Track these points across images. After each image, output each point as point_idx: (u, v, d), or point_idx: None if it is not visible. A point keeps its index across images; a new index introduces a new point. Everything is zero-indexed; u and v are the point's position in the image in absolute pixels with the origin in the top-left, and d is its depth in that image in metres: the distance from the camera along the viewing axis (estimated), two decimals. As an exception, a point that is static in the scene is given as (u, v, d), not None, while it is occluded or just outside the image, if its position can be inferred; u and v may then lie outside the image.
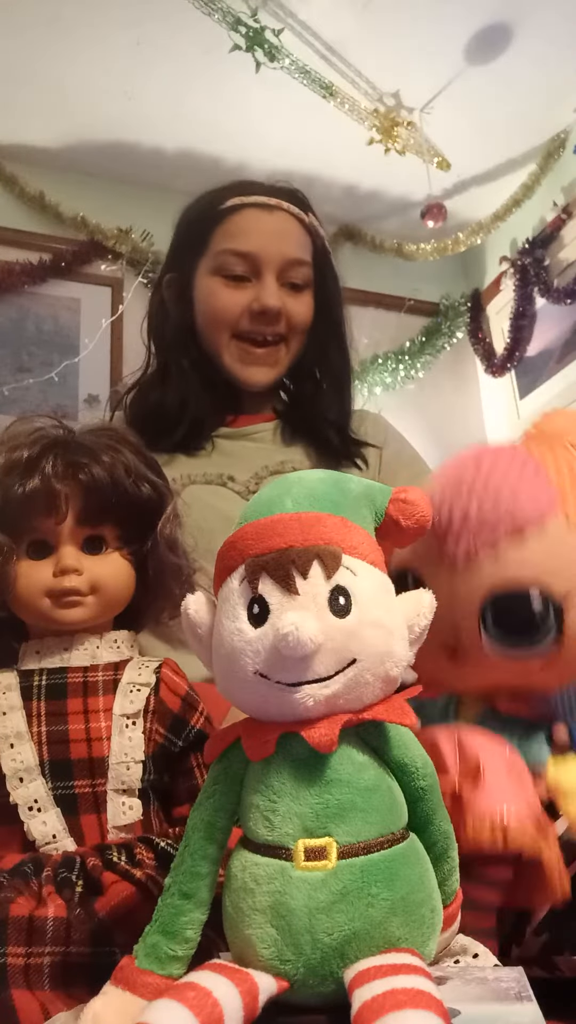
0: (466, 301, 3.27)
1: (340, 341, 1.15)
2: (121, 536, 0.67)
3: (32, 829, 0.60)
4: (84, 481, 0.65)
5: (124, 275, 2.86)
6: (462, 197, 3.05)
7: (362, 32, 2.41)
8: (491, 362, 3.12)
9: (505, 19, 2.41)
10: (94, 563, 0.66)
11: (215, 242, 1.08)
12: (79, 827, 0.60)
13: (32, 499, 0.63)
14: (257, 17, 2.31)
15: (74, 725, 0.62)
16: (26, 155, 2.78)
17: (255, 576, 0.46)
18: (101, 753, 0.62)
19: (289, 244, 1.08)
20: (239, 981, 0.42)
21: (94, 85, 2.54)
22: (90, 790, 0.61)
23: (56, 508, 0.64)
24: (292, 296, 1.08)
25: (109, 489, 0.65)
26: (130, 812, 0.62)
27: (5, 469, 0.65)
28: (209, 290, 1.07)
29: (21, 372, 2.68)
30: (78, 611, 0.65)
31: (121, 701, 0.64)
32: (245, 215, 1.07)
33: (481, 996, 0.44)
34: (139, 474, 0.68)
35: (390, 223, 3.02)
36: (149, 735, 0.64)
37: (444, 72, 2.57)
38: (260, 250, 1.05)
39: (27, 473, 0.64)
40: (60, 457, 0.65)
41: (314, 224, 1.12)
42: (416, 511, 0.50)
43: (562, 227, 2.85)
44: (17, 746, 0.62)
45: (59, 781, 0.61)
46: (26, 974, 0.51)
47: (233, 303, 1.06)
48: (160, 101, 2.59)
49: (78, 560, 0.65)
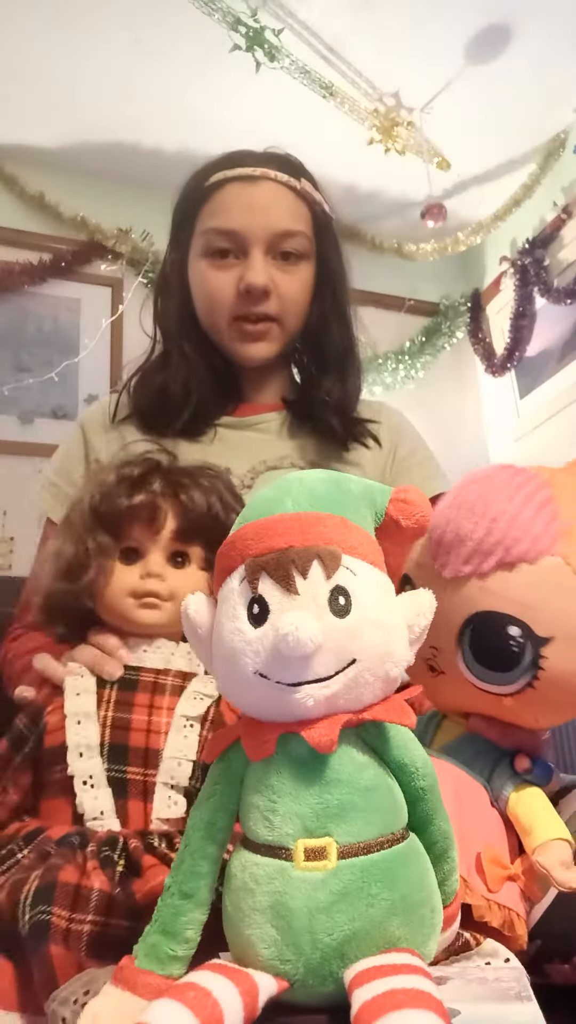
0: (466, 301, 3.27)
1: (342, 316, 1.07)
2: (205, 557, 0.74)
3: (83, 802, 0.64)
4: (183, 501, 0.73)
5: (124, 275, 2.86)
6: (462, 197, 3.05)
7: (362, 32, 2.41)
8: (491, 362, 3.13)
9: (505, 19, 2.41)
10: (177, 575, 0.73)
11: (201, 222, 1.02)
12: (125, 810, 0.64)
13: (136, 510, 0.72)
14: (257, 17, 2.31)
15: (138, 715, 0.68)
16: (26, 155, 2.78)
17: (255, 576, 0.46)
18: (157, 745, 0.67)
19: (276, 215, 1.00)
20: (239, 981, 0.42)
21: (94, 85, 2.54)
22: (141, 778, 0.65)
23: (155, 520, 0.72)
24: (284, 271, 1.01)
25: (203, 511, 0.74)
26: (174, 807, 0.65)
27: (115, 483, 0.73)
28: (200, 273, 1.03)
29: (21, 372, 2.69)
30: (155, 613, 0.71)
31: (184, 704, 0.69)
32: (227, 190, 1.01)
33: (481, 996, 0.44)
34: (230, 505, 0.76)
35: (390, 223, 3.03)
36: (203, 741, 0.68)
37: (444, 72, 2.58)
38: (244, 226, 0.99)
39: (135, 488, 0.73)
40: (165, 478, 0.74)
41: (308, 190, 1.04)
42: (416, 511, 0.50)
43: (562, 227, 2.85)
44: (84, 723, 0.67)
45: (115, 764, 0.66)
46: (66, 936, 0.54)
47: (223, 285, 1.00)
48: (160, 101, 2.59)
49: (163, 568, 0.72)
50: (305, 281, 1.03)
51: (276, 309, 1.01)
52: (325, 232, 1.05)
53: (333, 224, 1.07)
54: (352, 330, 1.09)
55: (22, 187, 2.79)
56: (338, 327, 1.07)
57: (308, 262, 1.04)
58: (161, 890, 0.49)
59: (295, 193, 1.02)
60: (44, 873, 0.57)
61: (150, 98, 2.58)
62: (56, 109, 2.64)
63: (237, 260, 1.00)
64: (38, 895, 0.56)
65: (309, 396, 1.07)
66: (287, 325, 1.03)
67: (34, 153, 2.79)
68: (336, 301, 1.06)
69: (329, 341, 1.06)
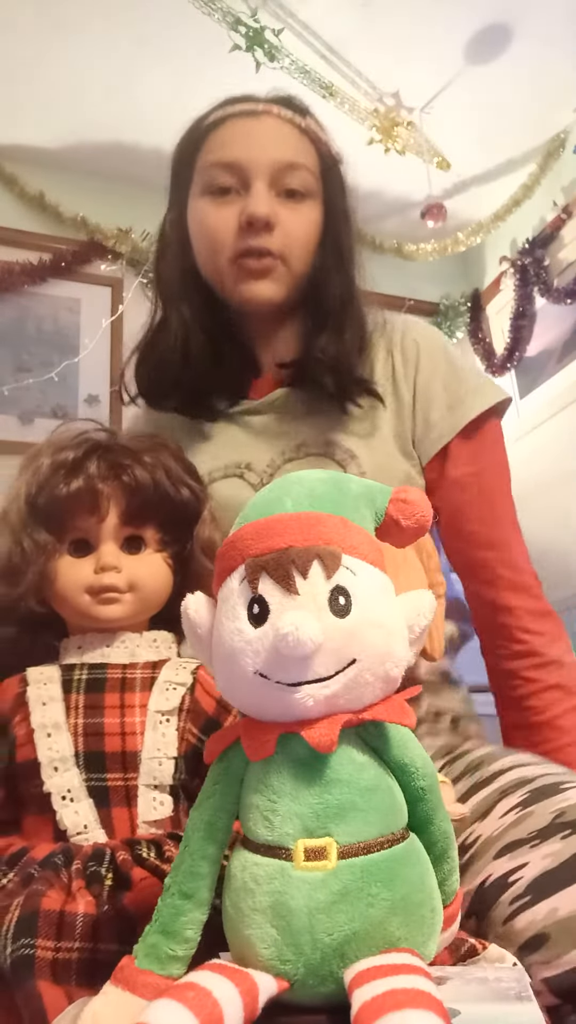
0: (466, 301, 3.27)
1: (342, 263, 0.97)
2: (160, 538, 0.70)
3: (64, 818, 0.61)
4: (126, 482, 0.67)
5: (124, 275, 2.86)
6: (462, 197, 3.05)
7: (362, 32, 2.41)
8: (491, 362, 3.13)
9: (505, 19, 2.41)
10: (133, 562, 0.68)
11: (200, 160, 0.96)
12: (110, 819, 0.61)
13: (76, 499, 0.66)
14: (257, 17, 2.31)
15: (110, 719, 0.64)
16: (26, 155, 2.78)
17: (255, 576, 0.46)
18: (135, 747, 0.63)
19: (280, 147, 0.94)
20: (239, 981, 0.42)
21: (94, 85, 2.54)
22: (122, 783, 0.62)
23: (98, 507, 0.67)
24: (289, 206, 0.93)
25: (150, 490, 0.68)
26: (160, 808, 0.62)
27: (50, 470, 0.67)
28: (200, 212, 0.95)
29: (21, 372, 2.69)
30: (116, 608, 0.67)
31: (157, 698, 0.66)
32: (228, 125, 0.95)
33: (481, 996, 0.44)
34: (178, 477, 0.71)
35: (390, 223, 3.03)
36: (182, 734, 0.65)
37: (444, 72, 2.58)
38: (245, 156, 0.92)
39: (71, 474, 0.67)
40: (103, 459, 0.68)
41: (314, 129, 0.98)
42: (416, 511, 0.50)
43: (562, 227, 2.85)
44: (54, 736, 0.63)
45: (92, 773, 0.62)
46: (53, 968, 0.51)
47: (224, 220, 0.92)
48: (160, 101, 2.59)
49: (118, 558, 0.67)
50: (311, 220, 0.95)
51: (280, 245, 0.93)
52: (331, 172, 0.99)
53: (341, 168, 1.01)
54: (353, 280, 0.99)
55: (22, 187, 2.79)
56: (338, 276, 0.97)
57: (314, 201, 0.96)
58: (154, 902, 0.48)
59: (300, 130, 0.96)
60: (25, 901, 0.54)
61: (150, 98, 2.58)
62: (56, 109, 2.64)
63: (239, 196, 0.93)
64: (20, 927, 0.52)
65: (305, 356, 0.97)
66: (292, 265, 0.94)
67: (34, 153, 2.79)
68: (339, 249, 0.98)
69: (328, 291, 0.97)
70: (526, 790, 0.70)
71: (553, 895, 0.59)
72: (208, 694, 0.68)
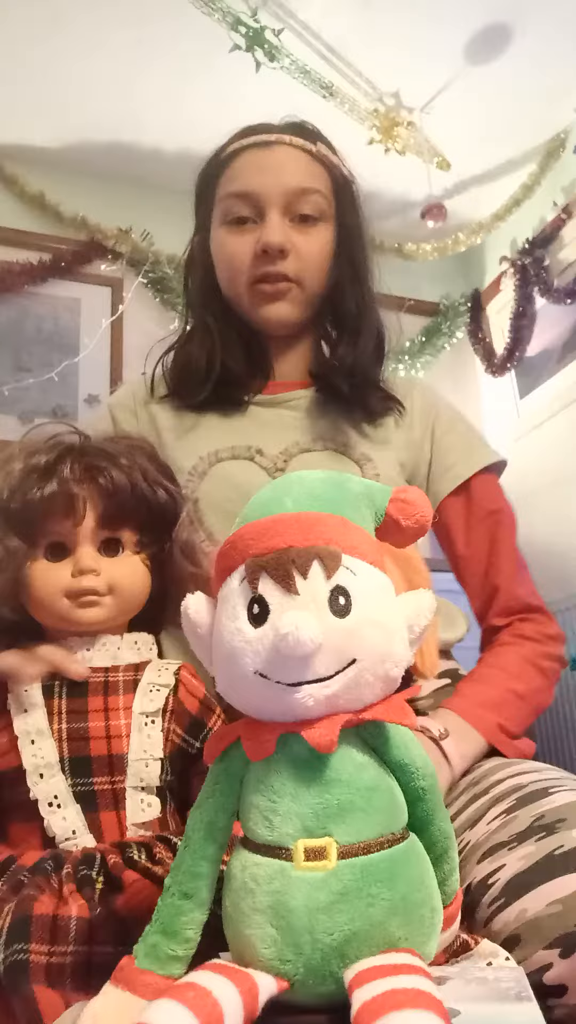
0: (466, 301, 3.27)
1: (358, 279, 1.04)
2: (138, 540, 0.69)
3: (52, 825, 0.60)
4: (102, 484, 0.66)
5: (124, 275, 2.86)
6: (462, 197, 3.05)
7: (362, 32, 2.41)
8: (491, 362, 3.13)
9: (505, 19, 2.41)
10: (111, 564, 0.67)
11: (220, 191, 1.03)
12: (98, 823, 0.61)
13: (50, 502, 0.65)
14: (257, 17, 2.31)
15: (94, 723, 0.63)
16: (26, 155, 2.78)
17: (255, 576, 0.46)
18: (120, 750, 0.63)
19: (292, 175, 0.99)
20: (239, 981, 0.42)
21: (94, 85, 2.54)
22: (109, 787, 0.62)
23: (74, 510, 0.65)
24: (302, 230, 1.00)
25: (127, 492, 0.67)
26: (148, 809, 0.62)
27: (23, 474, 0.66)
28: (219, 241, 1.03)
29: (21, 372, 2.69)
30: (96, 611, 0.66)
31: (141, 700, 0.65)
32: (243, 157, 1.01)
33: (481, 996, 0.44)
34: (155, 479, 0.70)
35: (390, 223, 3.03)
36: (167, 735, 0.65)
37: (444, 72, 2.58)
38: (259, 187, 0.99)
39: (45, 477, 0.66)
40: (78, 461, 0.67)
41: (324, 153, 1.03)
42: (416, 511, 0.50)
43: (562, 227, 2.85)
44: (38, 742, 0.63)
45: (79, 777, 0.62)
46: (48, 972, 0.51)
47: (241, 249, 0.99)
48: (160, 101, 2.59)
49: (96, 561, 0.66)
50: (324, 242, 1.01)
51: (294, 269, 0.99)
52: (344, 194, 1.04)
53: (353, 188, 1.07)
54: (368, 292, 1.06)
55: (22, 187, 2.79)
56: (353, 289, 1.04)
57: (327, 223, 1.02)
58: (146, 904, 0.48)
59: (311, 156, 1.02)
60: (17, 907, 0.54)
61: (150, 97, 2.58)
62: (56, 109, 2.64)
63: (255, 225, 1.00)
64: (12, 932, 0.52)
65: (327, 365, 1.04)
66: (307, 287, 1.01)
67: (34, 153, 2.79)
68: (353, 263, 1.04)
69: (344, 304, 1.04)
70: (515, 796, 0.71)
71: (524, 896, 0.60)
72: (191, 695, 0.68)
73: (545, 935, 0.56)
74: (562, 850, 0.60)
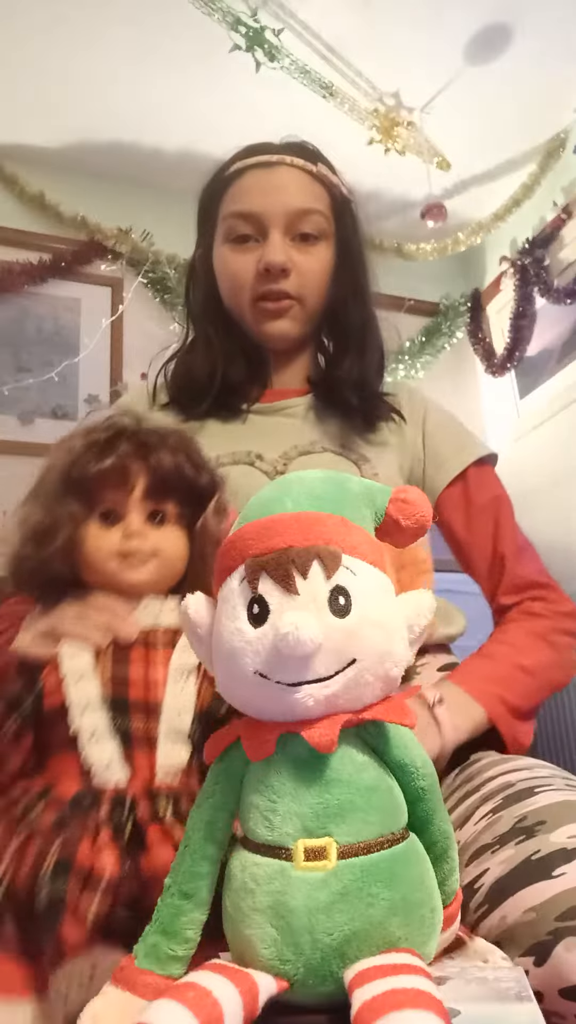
0: (466, 301, 3.27)
1: (359, 294, 1.08)
2: (180, 512, 0.76)
3: (90, 756, 0.64)
4: (152, 461, 0.74)
5: (124, 275, 2.86)
6: (462, 197, 3.05)
7: (362, 32, 2.41)
8: (491, 362, 3.13)
9: (505, 19, 2.41)
10: (156, 533, 0.74)
11: (223, 210, 1.06)
12: (132, 759, 0.65)
13: (106, 474, 0.73)
14: (257, 17, 2.31)
15: (135, 670, 0.69)
16: (26, 155, 2.78)
17: (255, 576, 0.46)
18: (156, 698, 0.67)
19: (293, 195, 1.03)
20: (239, 981, 0.42)
21: (94, 85, 2.54)
22: (143, 730, 0.66)
23: (126, 482, 0.74)
24: (303, 249, 1.03)
25: (172, 470, 0.75)
26: (178, 756, 0.66)
27: (83, 449, 0.74)
28: (222, 258, 1.06)
29: (21, 372, 2.69)
30: (141, 571, 0.73)
31: (179, 655, 0.70)
32: (246, 177, 1.04)
33: (481, 996, 0.44)
34: (199, 463, 0.78)
35: (390, 223, 3.03)
36: (200, 692, 0.69)
37: (444, 72, 2.58)
38: (262, 207, 1.02)
39: (103, 452, 0.74)
40: (131, 440, 0.75)
41: (325, 174, 1.06)
42: (416, 511, 0.50)
43: (562, 227, 2.85)
44: (83, 681, 0.68)
45: (118, 716, 0.67)
46: (75, 913, 0.55)
47: (243, 267, 1.03)
48: (160, 101, 2.59)
49: (143, 527, 0.74)
50: (324, 260, 1.05)
51: (295, 287, 1.03)
52: (343, 212, 1.07)
53: (353, 207, 1.10)
54: (370, 307, 1.10)
55: (22, 187, 2.79)
56: (356, 305, 1.08)
57: (327, 242, 1.05)
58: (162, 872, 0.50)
59: (312, 176, 1.05)
60: (63, 848, 0.58)
61: (150, 98, 2.58)
62: (56, 109, 2.64)
63: (257, 243, 1.03)
64: (57, 870, 0.57)
65: (331, 377, 1.08)
66: (307, 304, 1.05)
67: (34, 153, 2.79)
68: (355, 280, 1.08)
69: (347, 319, 1.08)
70: (502, 796, 0.72)
71: (504, 902, 0.61)
72: None
73: (521, 943, 0.57)
74: (538, 855, 0.61)
